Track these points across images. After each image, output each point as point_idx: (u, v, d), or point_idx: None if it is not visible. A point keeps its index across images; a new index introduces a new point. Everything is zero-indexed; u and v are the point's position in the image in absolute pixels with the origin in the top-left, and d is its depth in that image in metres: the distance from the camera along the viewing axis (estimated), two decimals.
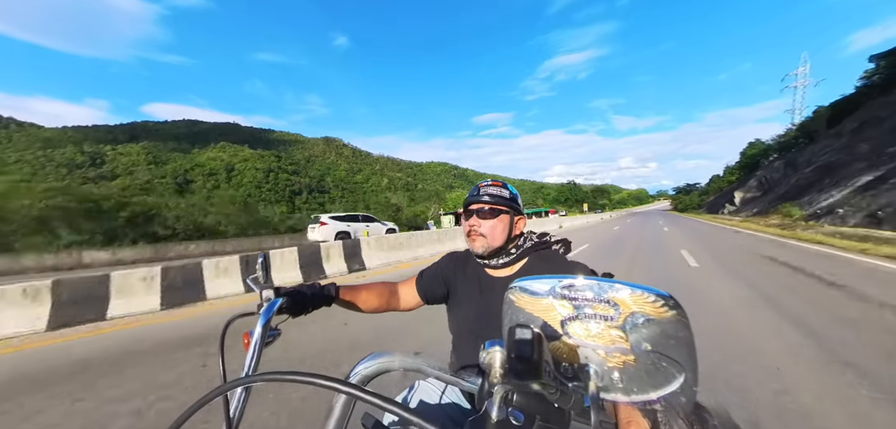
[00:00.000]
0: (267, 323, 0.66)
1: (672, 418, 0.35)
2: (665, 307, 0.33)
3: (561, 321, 0.37)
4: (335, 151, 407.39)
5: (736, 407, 1.91)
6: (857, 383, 2.13)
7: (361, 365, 0.53)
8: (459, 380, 0.48)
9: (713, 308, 3.81)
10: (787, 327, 3.14)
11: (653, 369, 0.33)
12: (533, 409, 0.30)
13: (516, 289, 0.40)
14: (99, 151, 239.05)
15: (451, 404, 0.83)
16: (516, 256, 0.98)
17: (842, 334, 2.89)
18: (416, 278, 1.10)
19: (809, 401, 1.96)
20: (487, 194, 0.96)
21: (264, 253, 0.86)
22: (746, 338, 2.94)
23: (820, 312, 3.49)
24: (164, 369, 2.81)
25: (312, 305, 0.83)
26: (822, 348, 2.67)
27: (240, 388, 0.51)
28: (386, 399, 0.35)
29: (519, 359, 0.31)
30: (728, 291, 4.53)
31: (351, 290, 0.97)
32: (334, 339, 3.27)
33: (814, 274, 5.31)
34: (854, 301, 3.84)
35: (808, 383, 2.15)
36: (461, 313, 1.01)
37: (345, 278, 7.05)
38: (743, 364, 2.42)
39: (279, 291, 0.74)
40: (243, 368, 0.59)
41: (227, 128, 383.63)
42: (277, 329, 0.70)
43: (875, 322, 3.18)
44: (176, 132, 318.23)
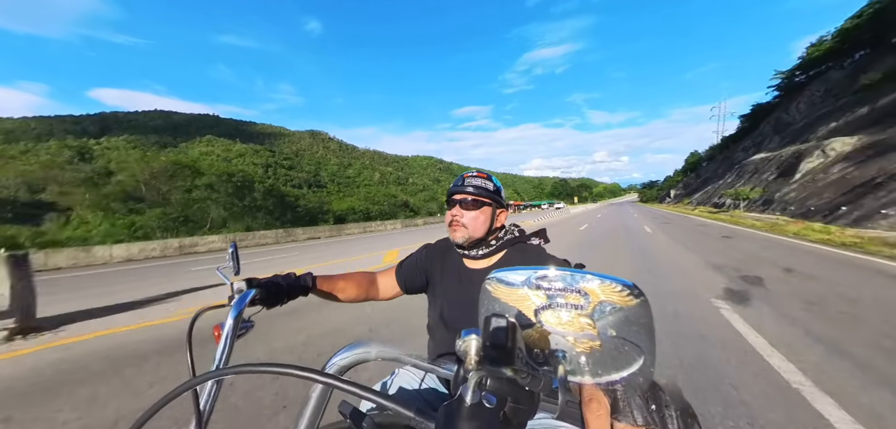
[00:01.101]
0: (239, 315, 0.64)
1: (631, 394, 0.38)
2: (630, 296, 0.35)
3: (535, 310, 0.39)
4: (322, 145, 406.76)
5: (650, 258, 7.46)
6: (684, 248, 8.10)
7: (338, 356, 0.53)
8: (436, 367, 0.49)
9: (649, 238, 9.34)
10: (667, 238, 8.85)
11: (616, 352, 0.36)
12: (505, 392, 0.32)
13: (493, 280, 0.42)
14: (84, 145, 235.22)
15: (429, 390, 0.86)
16: (496, 247, 0.99)
17: (689, 239, 8.69)
18: (395, 268, 1.12)
19: (668, 252, 7.94)
20: (472, 186, 0.97)
21: (234, 243, 0.83)
22: (656, 241, 8.73)
23: (683, 232, 9.25)
24: None
25: (288, 296, 0.82)
26: (679, 243, 8.52)
27: (210, 382, 0.50)
28: (361, 387, 0.36)
29: (494, 346, 0.33)
30: (659, 234, 10.19)
31: (328, 280, 0.97)
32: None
33: (686, 223, 11.62)
34: (699, 227, 9.71)
35: (672, 249, 8.08)
36: (439, 303, 1.02)
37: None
38: (654, 250, 8.35)
39: (252, 282, 0.73)
40: (214, 361, 0.58)
41: (206, 120, 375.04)
42: (250, 321, 0.69)
43: (702, 233, 8.82)
44: (152, 124, 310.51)
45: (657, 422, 0.36)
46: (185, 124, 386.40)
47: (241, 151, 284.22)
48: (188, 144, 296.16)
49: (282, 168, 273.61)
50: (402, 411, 0.36)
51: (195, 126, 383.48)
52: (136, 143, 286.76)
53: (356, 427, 0.46)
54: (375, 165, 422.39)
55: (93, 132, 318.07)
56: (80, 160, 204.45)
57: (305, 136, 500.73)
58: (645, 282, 4.64)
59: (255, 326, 0.70)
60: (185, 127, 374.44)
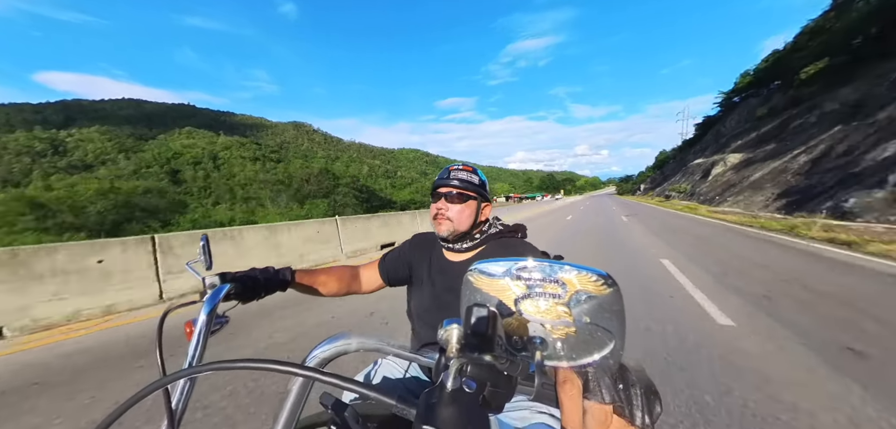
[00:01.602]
0: (212, 311, 0.62)
1: (600, 375, 0.40)
2: (604, 285, 0.37)
3: (514, 300, 0.40)
4: (306, 137, 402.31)
5: (613, 220, 15.24)
6: (634, 218, 15.85)
7: (319, 349, 0.53)
8: (418, 356, 0.51)
9: (616, 214, 17.00)
10: (627, 215, 16.61)
11: (590, 337, 0.38)
12: (484, 377, 0.33)
13: (475, 271, 0.43)
14: (55, 136, 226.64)
15: (411, 378, 0.87)
16: (479, 241, 1.00)
17: (639, 214, 16.50)
18: (378, 261, 1.12)
19: (624, 220, 15.80)
20: (457, 179, 0.97)
21: (204, 235, 0.81)
22: (619, 216, 16.57)
23: (637, 211, 16.86)
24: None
25: (265, 291, 0.81)
26: (632, 215, 16.34)
27: (183, 380, 0.49)
28: (343, 378, 0.37)
29: (474, 334, 0.34)
30: (621, 212, 17.42)
31: (309, 273, 0.95)
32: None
33: (642, 207, 18.98)
34: (649, 210, 17.29)
35: (626, 219, 15.89)
36: (423, 294, 1.03)
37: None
38: (617, 220, 16.20)
39: (225, 277, 0.72)
40: (186, 358, 0.56)
41: (182, 110, 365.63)
42: (225, 317, 0.67)
43: (647, 213, 16.67)
44: (121, 114, 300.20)
45: (623, 400, 0.38)
46: (159, 115, 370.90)
47: (227, 143, 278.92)
48: (167, 135, 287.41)
49: (270, 161, 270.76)
50: (385, 400, 0.36)
51: (171, 116, 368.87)
52: (111, 134, 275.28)
53: (338, 418, 0.46)
54: (363, 157, 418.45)
55: (56, 122, 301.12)
56: (53, 153, 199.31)
57: (289, 127, 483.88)
58: (608, 227, 12.05)
59: (230, 321, 0.68)
60: (159, 117, 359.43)
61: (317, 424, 0.61)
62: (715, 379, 1.89)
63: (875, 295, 3.35)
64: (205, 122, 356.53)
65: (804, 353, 2.19)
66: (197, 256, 0.78)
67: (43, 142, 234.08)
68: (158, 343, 0.56)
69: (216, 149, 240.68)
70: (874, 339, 2.35)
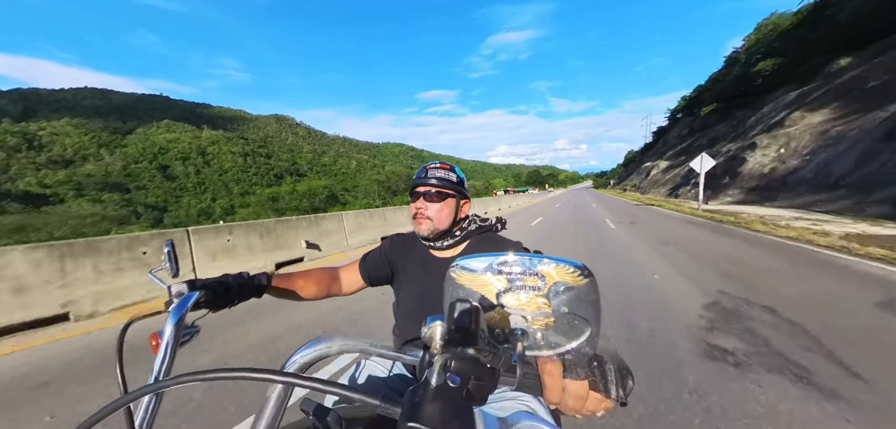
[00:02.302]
0: (180, 321, 0.59)
1: (578, 360, 0.41)
2: (581, 276, 0.39)
3: (496, 294, 0.41)
4: (290, 131, 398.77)
5: (584, 203, 25.17)
6: (598, 202, 25.90)
7: (299, 354, 0.52)
8: (402, 355, 0.51)
9: (587, 201, 27.15)
10: (595, 201, 26.63)
11: (568, 326, 0.40)
12: (468, 371, 0.34)
13: (457, 267, 0.44)
14: (26, 130, 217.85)
15: (396, 378, 0.87)
16: (460, 238, 1.01)
17: (602, 201, 26.57)
18: (359, 261, 1.11)
19: (592, 203, 25.77)
20: (435, 177, 0.97)
21: (170, 242, 0.76)
22: (589, 202, 26.58)
23: (601, 199, 27.05)
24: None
25: (239, 297, 0.77)
26: (597, 202, 26.34)
27: (147, 397, 0.46)
28: (324, 381, 0.37)
29: (458, 330, 0.35)
30: (598, 206, 27.69)
31: (286, 277, 0.93)
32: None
33: (607, 197, 29.21)
34: (610, 199, 27.72)
35: (593, 203, 25.86)
36: (406, 293, 1.03)
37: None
38: (587, 203, 26.22)
39: (195, 284, 0.69)
40: (152, 373, 0.53)
41: (156, 101, 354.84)
42: (195, 326, 0.64)
43: (607, 200, 26.86)
44: (88, 104, 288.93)
45: (598, 376, 0.40)
46: (130, 106, 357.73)
47: (213, 137, 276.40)
48: (146, 128, 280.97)
49: (260, 156, 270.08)
50: (369, 401, 0.36)
51: (143, 108, 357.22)
52: (85, 128, 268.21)
53: (321, 424, 0.45)
54: (349, 152, 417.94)
55: (14, 113, 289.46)
56: (28, 148, 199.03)
57: (271, 120, 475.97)
58: (582, 205, 22.77)
59: (200, 331, 0.65)
60: (131, 109, 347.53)
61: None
62: (604, 243, 7.40)
63: (667, 222, 13.89)
64: (181, 114, 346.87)
65: (642, 238, 9.86)
66: (161, 264, 0.73)
67: (14, 136, 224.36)
68: (118, 358, 0.53)
69: (203, 144, 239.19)
70: (650, 228, 12.84)
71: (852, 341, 2.37)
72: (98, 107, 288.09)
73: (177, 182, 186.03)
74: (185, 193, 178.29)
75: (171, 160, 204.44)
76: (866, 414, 1.65)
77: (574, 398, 0.41)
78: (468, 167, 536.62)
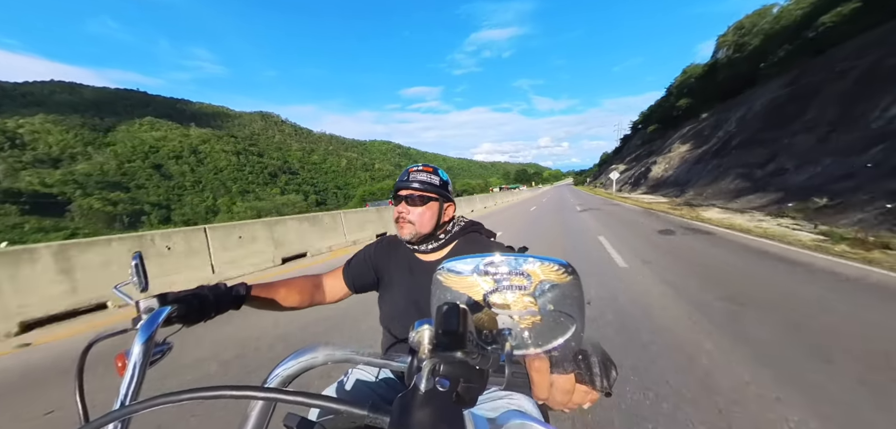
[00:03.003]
0: (150, 338, 0.54)
1: (564, 355, 0.42)
2: (565, 274, 0.40)
3: (483, 295, 0.42)
4: (276, 128, 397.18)
5: (563, 197, 35.90)
6: (573, 196, 36.68)
7: (281, 366, 0.50)
8: (390, 361, 0.50)
9: (566, 195, 38.39)
10: (572, 196, 37.84)
11: (554, 324, 0.40)
12: (457, 374, 0.34)
13: (444, 270, 0.44)
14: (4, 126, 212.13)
15: (384, 385, 0.86)
16: (445, 241, 1.01)
17: (577, 195, 37.87)
18: (343, 268, 1.09)
19: (569, 197, 36.21)
20: (417, 181, 0.97)
21: (137, 253, 0.70)
22: (567, 195, 37.52)
23: (577, 194, 38.53)
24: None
25: (215, 310, 0.74)
26: (573, 196, 37.25)
27: (111, 425, 0.41)
28: (309, 394, 0.36)
29: (446, 333, 0.34)
30: (574, 198, 39.05)
31: (266, 287, 0.90)
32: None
33: (581, 193, 41.44)
34: (583, 194, 39.66)
35: (569, 197, 36.44)
36: (392, 298, 1.02)
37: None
38: (565, 198, 36.84)
39: (166, 298, 0.65)
40: (118, 396, 0.49)
41: (133, 97, 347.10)
42: (167, 343, 0.59)
43: (582, 195, 38.34)
44: (58, 99, 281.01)
45: (584, 369, 0.42)
46: (107, 102, 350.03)
47: (204, 136, 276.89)
48: (128, 125, 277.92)
49: (252, 155, 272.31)
50: (355, 411, 0.36)
51: (121, 104, 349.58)
52: (66, 125, 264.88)
53: None
54: (336, 149, 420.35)
55: None
56: (11, 146, 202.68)
57: (256, 117, 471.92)
58: (561, 197, 34.47)
59: (173, 347, 0.60)
60: (108, 105, 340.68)
61: None
62: (566, 220, 12.71)
63: (596, 199, 25.52)
64: (161, 110, 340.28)
65: (597, 220, 18.00)
66: (128, 278, 0.68)
67: None
68: (78, 383, 0.48)
69: (193, 142, 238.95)
70: (586, 202, 24.42)
71: (628, 230, 13.78)
72: (70, 102, 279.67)
73: (175, 181, 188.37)
74: (184, 192, 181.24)
75: (163, 159, 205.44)
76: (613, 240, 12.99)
77: (561, 392, 0.42)
78: (454, 165, 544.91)
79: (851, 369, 2.07)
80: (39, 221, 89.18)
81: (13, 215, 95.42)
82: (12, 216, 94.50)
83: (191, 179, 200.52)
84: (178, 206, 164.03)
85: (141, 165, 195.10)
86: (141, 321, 0.57)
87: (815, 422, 1.65)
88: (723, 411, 1.73)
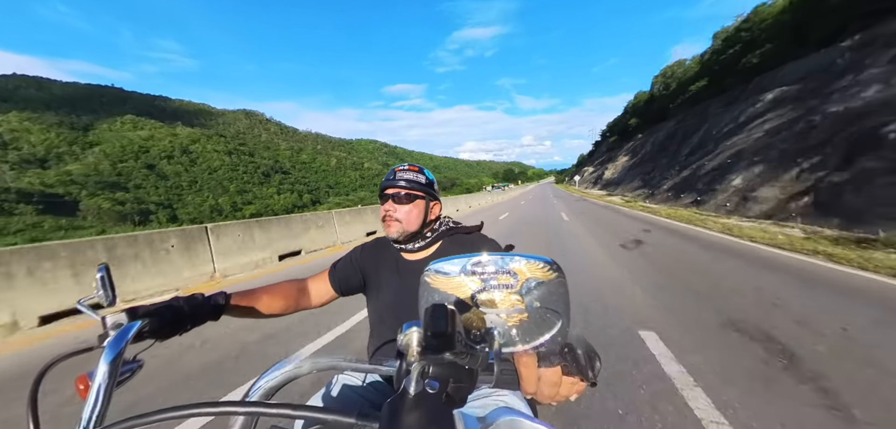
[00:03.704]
0: (117, 357, 0.49)
1: (550, 350, 0.43)
2: (550, 271, 0.40)
3: (471, 295, 0.42)
4: (261, 127, 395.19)
5: (546, 194, 47.51)
6: (554, 200, 48.98)
7: (264, 379, 0.48)
8: (378, 366, 0.49)
9: (547, 194, 50.04)
10: (550, 193, 49.69)
11: (540, 320, 0.41)
12: (446, 375, 0.34)
13: (431, 271, 0.44)
14: None
15: (372, 391, 0.84)
16: (431, 239, 1.01)
17: (556, 193, 49.84)
18: (328, 271, 1.09)
19: (549, 194, 48.11)
20: (403, 180, 0.98)
21: (103, 266, 0.64)
22: (548, 193, 49.36)
23: (556, 191, 50.55)
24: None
25: (191, 322, 0.70)
26: (552, 195, 49.10)
27: None
28: (293, 405, 0.35)
29: (434, 335, 0.34)
30: (551, 192, 50.99)
31: (247, 295, 0.87)
32: None
33: (559, 189, 53.78)
34: (559, 190, 51.44)
35: (548, 194, 48.40)
36: (380, 300, 1.02)
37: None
38: (545, 195, 48.81)
39: (136, 312, 0.60)
40: (79, 423, 0.43)
41: (108, 94, 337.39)
42: (137, 361, 0.54)
43: (561, 193, 50.38)
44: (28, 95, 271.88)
45: (569, 361, 0.43)
46: (82, 98, 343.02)
47: (194, 135, 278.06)
48: (110, 124, 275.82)
49: (244, 155, 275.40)
50: (342, 420, 0.35)
51: (97, 101, 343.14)
52: (46, 123, 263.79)
53: None
54: (324, 148, 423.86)
55: None
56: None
57: (240, 116, 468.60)
58: (543, 194, 46.36)
59: (144, 365, 0.55)
60: (83, 101, 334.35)
61: None
62: (545, 202, 32.69)
63: (566, 193, 37.29)
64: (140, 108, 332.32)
65: (560, 200, 32.57)
66: (92, 294, 0.62)
67: None
68: (30, 411, 0.44)
69: (183, 142, 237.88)
70: (560, 195, 36.17)
71: (569, 204, 25.39)
72: (39, 98, 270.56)
73: (172, 181, 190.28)
74: (183, 192, 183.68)
75: (155, 159, 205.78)
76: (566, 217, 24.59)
77: (549, 386, 0.43)
78: (441, 163, 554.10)
79: (604, 224, 13.51)
80: (56, 221, 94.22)
81: (30, 215, 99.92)
82: (29, 216, 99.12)
83: (187, 179, 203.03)
84: (180, 205, 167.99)
85: (134, 165, 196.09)
86: (108, 338, 0.52)
87: (566, 214, 13.00)
88: (558, 232, 11.97)
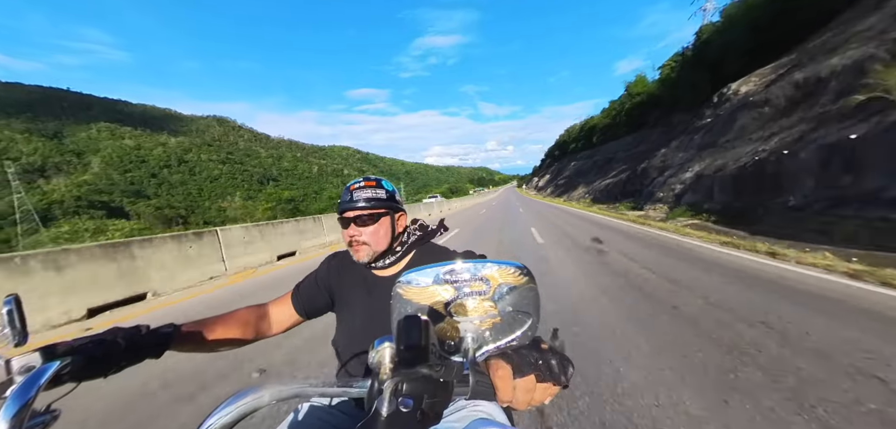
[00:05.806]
0: (26, 406, 0.39)
1: (523, 354, 0.43)
2: (521, 275, 0.42)
3: (445, 304, 0.42)
4: (235, 134, 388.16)
5: (510, 197, 58.41)
6: (523, 207, 59.92)
7: (217, 413, 0.42)
8: (347, 388, 0.45)
9: (509, 197, 60.74)
10: (511, 196, 60.04)
11: (512, 321, 0.43)
12: (421, 391, 0.33)
13: (403, 283, 0.43)
14: None
15: (341, 415, 0.79)
16: (402, 253, 0.97)
17: (516, 196, 61.01)
18: (291, 294, 1.02)
19: (511, 198, 58.15)
20: (362, 199, 0.92)
21: (10, 298, 0.50)
22: (510, 196, 60.28)
23: (514, 194, 61.83)
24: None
25: (126, 359, 0.57)
26: (513, 195, 59.29)
27: None
28: None
29: (408, 348, 0.33)
30: (513, 195, 61.64)
31: (200, 324, 0.78)
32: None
33: (518, 193, 66.47)
34: (520, 194, 63.81)
35: (510, 196, 58.32)
36: (349, 319, 0.97)
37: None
38: (508, 197, 58.63)
39: (54, 351, 0.49)
40: None
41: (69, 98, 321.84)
42: (52, 411, 0.43)
43: (519, 196, 61.63)
44: None
45: (542, 368, 0.43)
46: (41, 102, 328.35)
47: (185, 145, 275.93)
48: (87, 132, 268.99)
49: (237, 164, 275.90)
50: None
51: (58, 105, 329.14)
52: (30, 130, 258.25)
53: None
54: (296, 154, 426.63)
55: None
56: None
57: (212, 122, 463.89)
58: (508, 199, 61.44)
59: (60, 415, 0.44)
60: (43, 105, 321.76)
61: None
62: (510, 204, 37.17)
63: (524, 196, 52.18)
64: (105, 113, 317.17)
65: (518, 199, 45.85)
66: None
67: None
68: None
69: (176, 151, 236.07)
70: (521, 198, 51.29)
71: (525, 204, 40.19)
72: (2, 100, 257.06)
73: (181, 190, 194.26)
74: (196, 199, 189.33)
75: (156, 168, 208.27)
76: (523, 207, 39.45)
77: (524, 392, 0.43)
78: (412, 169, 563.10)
79: (559, 223, 28.20)
80: (123, 224, 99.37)
81: (99, 219, 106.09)
82: (98, 220, 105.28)
83: (194, 187, 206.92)
84: (198, 212, 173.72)
85: (139, 173, 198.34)
86: (13, 387, 0.42)
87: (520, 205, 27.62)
88: (517, 221, 25.99)
